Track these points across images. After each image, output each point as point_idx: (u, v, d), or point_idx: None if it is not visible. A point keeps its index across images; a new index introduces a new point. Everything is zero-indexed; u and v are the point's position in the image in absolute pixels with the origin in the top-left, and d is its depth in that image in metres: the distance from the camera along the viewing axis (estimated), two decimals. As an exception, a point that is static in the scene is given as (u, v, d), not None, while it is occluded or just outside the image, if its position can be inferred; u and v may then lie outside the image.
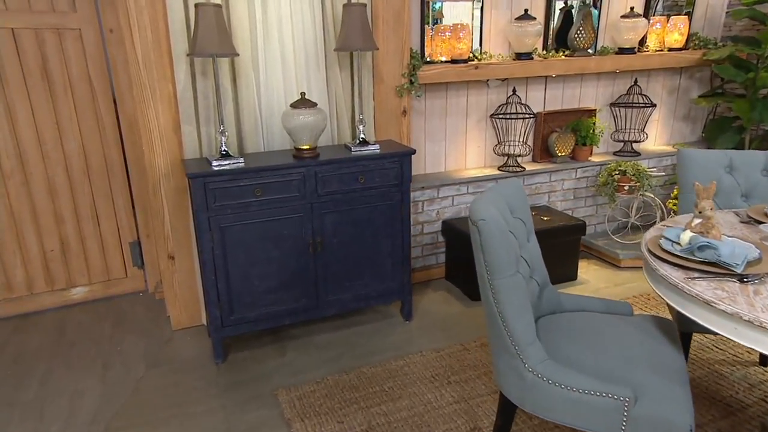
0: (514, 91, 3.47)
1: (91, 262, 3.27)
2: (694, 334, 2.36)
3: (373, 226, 2.76)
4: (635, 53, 3.61)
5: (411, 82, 3.08)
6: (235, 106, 2.72)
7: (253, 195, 2.48)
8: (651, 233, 1.84)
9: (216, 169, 2.42)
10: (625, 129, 3.88)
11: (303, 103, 2.54)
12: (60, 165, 3.06)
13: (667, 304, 2.25)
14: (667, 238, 1.70)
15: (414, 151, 2.73)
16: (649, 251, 1.70)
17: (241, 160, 2.50)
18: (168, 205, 2.76)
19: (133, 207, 3.28)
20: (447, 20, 3.20)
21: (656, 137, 4.12)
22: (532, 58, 3.38)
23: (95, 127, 3.08)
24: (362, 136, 2.80)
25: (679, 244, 1.64)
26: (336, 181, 2.62)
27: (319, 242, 2.67)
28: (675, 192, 3.58)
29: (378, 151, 2.73)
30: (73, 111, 3.01)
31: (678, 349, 1.70)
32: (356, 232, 2.74)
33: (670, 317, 2.87)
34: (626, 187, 3.53)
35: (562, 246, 3.35)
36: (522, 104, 3.47)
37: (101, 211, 3.22)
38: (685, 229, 1.67)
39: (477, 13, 3.28)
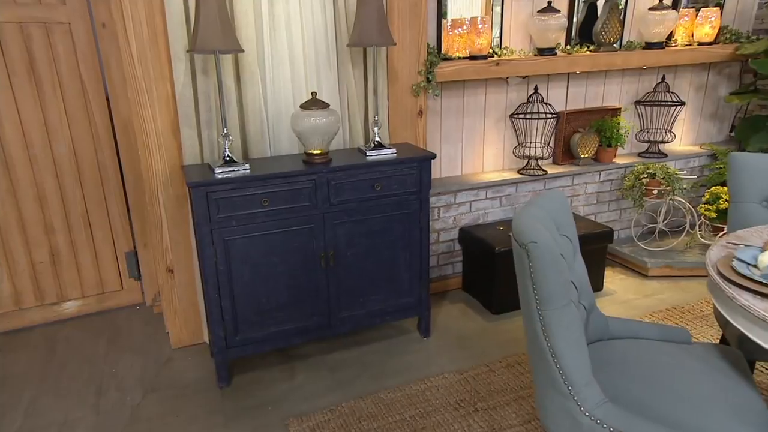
0: (536, 89, 3.24)
1: (84, 273, 3.04)
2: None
3: (389, 236, 2.54)
4: (663, 48, 3.38)
5: (428, 80, 2.85)
6: (239, 107, 2.49)
7: (260, 205, 2.26)
8: (717, 252, 1.62)
9: (219, 177, 2.19)
10: (651, 129, 3.66)
11: (314, 103, 2.32)
12: (49, 170, 2.83)
13: (718, 321, 2.04)
14: (740, 260, 1.48)
15: (434, 156, 2.51)
16: (721, 275, 1.48)
17: (247, 166, 2.28)
18: (167, 215, 2.54)
19: (129, 215, 3.05)
20: (452, 13, 2.97)
21: (682, 137, 3.90)
22: (555, 54, 3.16)
23: (87, 130, 2.85)
24: (377, 139, 2.58)
25: (757, 267, 1.43)
26: (349, 188, 2.40)
27: (332, 255, 2.45)
28: (706, 196, 3.37)
29: (395, 155, 2.51)
30: (62, 112, 2.78)
31: (754, 387, 1.49)
32: (371, 244, 2.52)
33: (714, 336, 2.66)
34: (655, 191, 3.31)
35: (588, 255, 3.10)
36: (544, 103, 3.25)
37: (94, 220, 2.99)
38: (763, 250, 1.45)
39: (496, 7, 3.06)
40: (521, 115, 3.26)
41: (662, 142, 3.62)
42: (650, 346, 1.68)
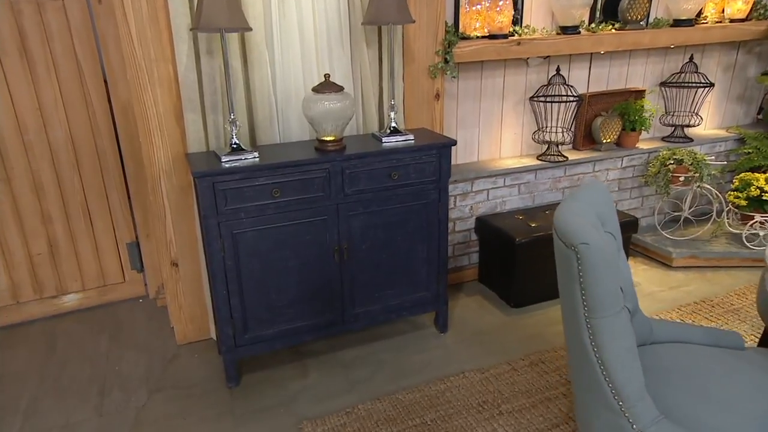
0: (557, 70, 3.06)
1: (84, 265, 2.91)
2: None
3: (406, 228, 2.40)
4: (693, 26, 3.19)
5: (446, 61, 2.68)
6: (246, 91, 2.32)
7: (270, 196, 2.11)
8: (778, 252, 1.48)
9: (226, 166, 2.04)
10: (676, 111, 3.48)
11: (327, 86, 2.16)
12: (45, 157, 2.67)
13: (763, 318, 1.90)
14: (810, 262, 1.33)
15: (455, 142, 2.36)
16: (787, 278, 1.34)
17: (256, 154, 2.12)
18: (170, 206, 2.39)
19: (130, 204, 2.90)
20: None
21: (707, 120, 3.73)
22: (579, 33, 2.98)
23: (84, 114, 2.69)
24: (393, 124, 2.42)
25: (829, 270, 1.28)
26: (365, 177, 2.25)
27: (345, 248, 2.31)
28: (736, 183, 3.21)
29: (413, 142, 2.35)
30: (58, 95, 2.62)
31: (821, 402, 1.36)
32: (387, 236, 2.38)
33: (748, 332, 2.52)
34: (681, 178, 3.15)
35: (612, 245, 2.98)
36: (566, 85, 3.07)
37: (94, 209, 2.84)
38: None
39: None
40: (541, 98, 3.09)
41: (688, 125, 3.45)
42: (699, 351, 1.55)
